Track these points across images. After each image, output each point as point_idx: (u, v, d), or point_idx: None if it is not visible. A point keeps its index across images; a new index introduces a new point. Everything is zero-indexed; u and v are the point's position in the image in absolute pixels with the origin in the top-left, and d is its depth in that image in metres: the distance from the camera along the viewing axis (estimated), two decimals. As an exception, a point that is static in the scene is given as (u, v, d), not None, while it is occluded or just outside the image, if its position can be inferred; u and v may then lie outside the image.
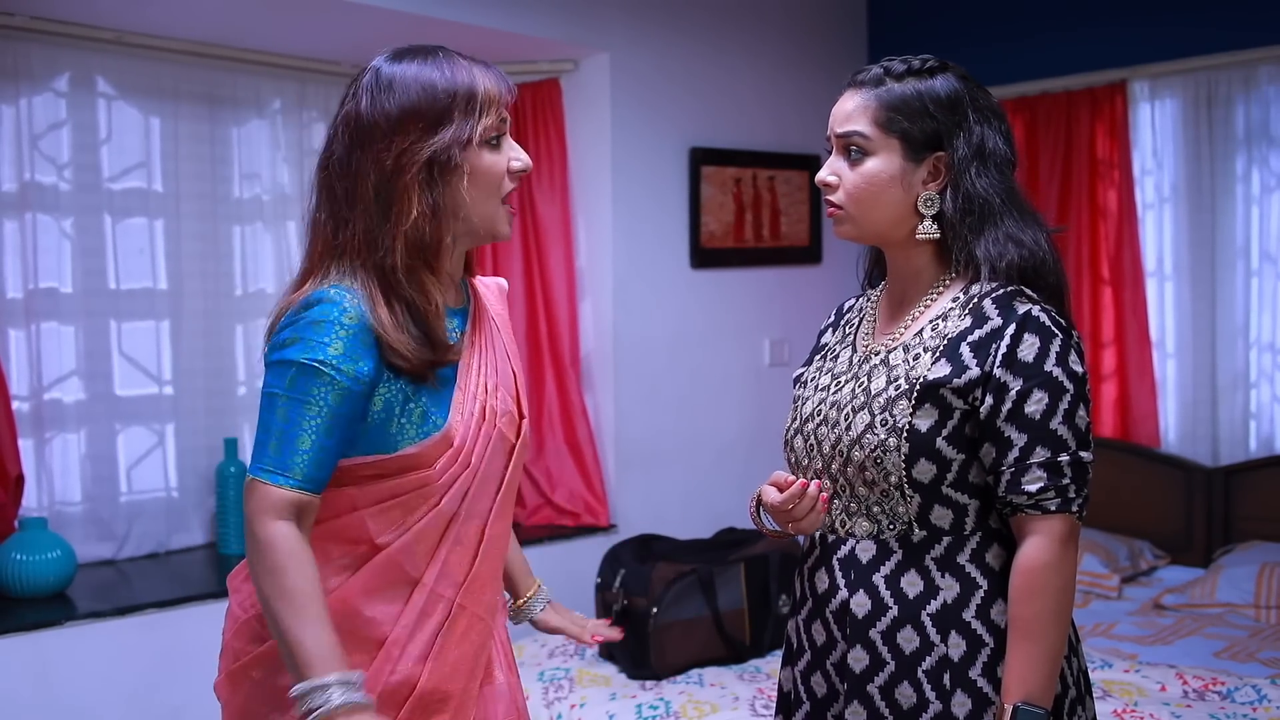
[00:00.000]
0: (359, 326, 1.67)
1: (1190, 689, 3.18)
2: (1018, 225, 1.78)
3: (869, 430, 1.75)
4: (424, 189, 1.71)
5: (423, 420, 1.72)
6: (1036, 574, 1.67)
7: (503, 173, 1.78)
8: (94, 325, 3.84)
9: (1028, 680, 1.66)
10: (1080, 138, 4.69)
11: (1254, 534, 4.31)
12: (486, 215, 1.78)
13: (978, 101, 1.81)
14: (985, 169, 1.78)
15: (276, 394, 1.66)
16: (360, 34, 3.91)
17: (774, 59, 4.92)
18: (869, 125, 1.79)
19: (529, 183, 4.40)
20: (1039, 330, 1.69)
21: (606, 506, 4.44)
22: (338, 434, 1.67)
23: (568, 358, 4.41)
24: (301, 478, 1.65)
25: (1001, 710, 1.66)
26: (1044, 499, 1.66)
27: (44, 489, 3.75)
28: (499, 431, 1.80)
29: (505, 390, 1.85)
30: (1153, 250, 4.64)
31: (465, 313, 1.85)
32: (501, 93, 1.79)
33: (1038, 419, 1.67)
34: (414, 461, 1.72)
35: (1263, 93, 4.38)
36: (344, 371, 1.65)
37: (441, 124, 1.73)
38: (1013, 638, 1.68)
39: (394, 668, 1.72)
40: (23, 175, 3.67)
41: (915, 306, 1.84)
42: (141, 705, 3.30)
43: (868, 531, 1.78)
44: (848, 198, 1.81)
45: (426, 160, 1.71)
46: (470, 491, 1.77)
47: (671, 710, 3.19)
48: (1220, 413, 4.49)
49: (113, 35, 3.76)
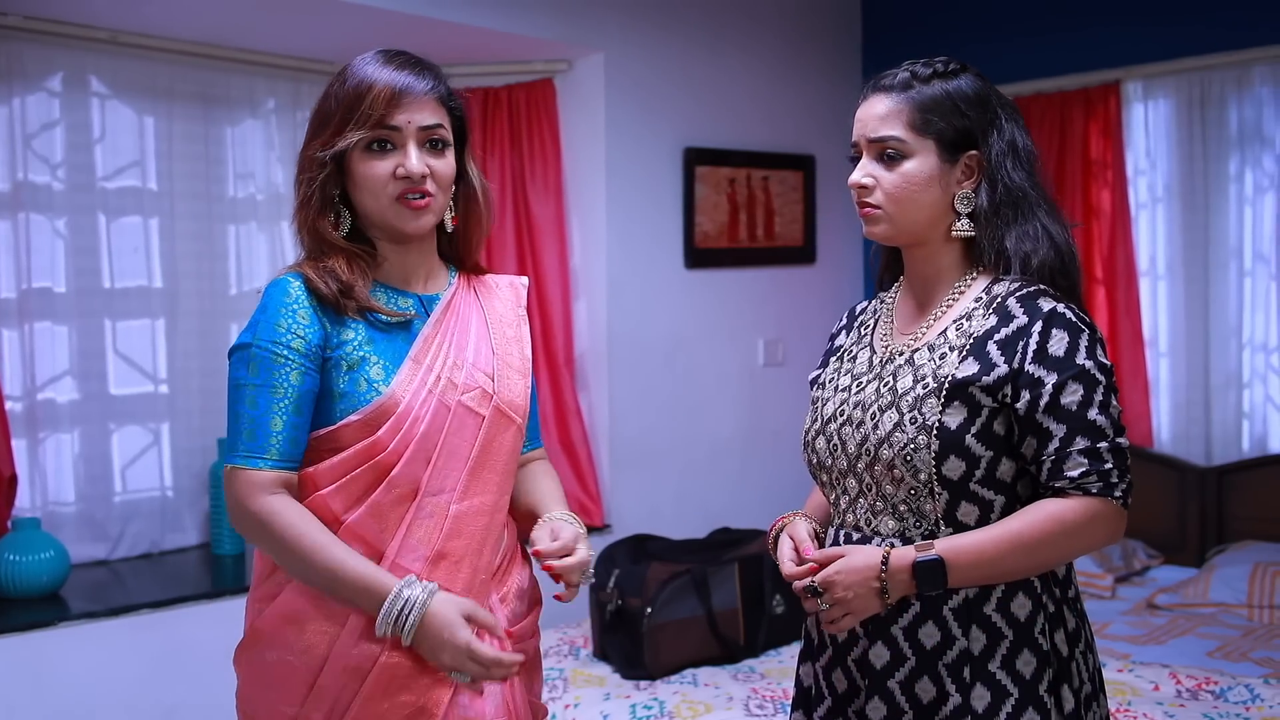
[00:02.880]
0: (298, 302, 1.78)
1: (1183, 688, 3.18)
2: (1050, 218, 1.83)
3: (898, 429, 1.77)
4: (307, 186, 1.84)
5: (367, 388, 1.79)
6: (1051, 522, 1.70)
7: (384, 178, 1.82)
8: (88, 325, 3.84)
9: (965, 554, 1.70)
10: (1074, 138, 4.69)
11: (1247, 534, 4.32)
12: (377, 213, 1.85)
13: (1000, 99, 1.86)
14: (1019, 163, 1.82)
15: (239, 381, 1.78)
16: (354, 34, 3.91)
17: (768, 59, 4.92)
18: (903, 129, 1.81)
19: (523, 182, 4.41)
20: (1066, 326, 1.73)
21: (601, 506, 4.44)
22: (306, 410, 1.78)
23: (562, 357, 4.41)
24: (279, 456, 1.76)
25: (919, 548, 1.72)
26: (1086, 482, 1.69)
27: (37, 489, 3.74)
28: (461, 404, 1.84)
29: (477, 368, 1.88)
30: (1146, 250, 4.65)
31: (436, 298, 1.92)
32: (398, 94, 1.81)
33: (1075, 409, 1.70)
34: (360, 430, 1.78)
35: (1256, 93, 4.39)
36: (296, 349, 1.76)
37: (324, 127, 1.83)
38: (992, 528, 1.72)
39: (356, 640, 1.75)
40: (16, 175, 3.67)
41: (937, 306, 1.86)
42: (135, 706, 3.30)
43: (893, 530, 1.80)
44: (887, 199, 1.83)
45: (307, 160, 1.84)
46: (433, 464, 1.80)
47: (666, 710, 3.19)
48: (1213, 413, 4.50)
49: (106, 35, 3.76)
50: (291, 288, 1.79)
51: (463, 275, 1.98)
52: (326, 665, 1.75)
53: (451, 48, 4.16)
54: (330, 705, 1.75)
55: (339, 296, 1.80)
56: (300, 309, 1.78)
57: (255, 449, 1.74)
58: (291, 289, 1.79)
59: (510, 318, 1.99)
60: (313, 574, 1.74)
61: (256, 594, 1.85)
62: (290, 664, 1.77)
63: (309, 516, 1.75)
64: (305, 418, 1.78)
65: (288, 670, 1.77)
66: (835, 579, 1.73)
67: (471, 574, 1.84)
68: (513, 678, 1.88)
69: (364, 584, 1.72)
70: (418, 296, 1.90)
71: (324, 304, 1.80)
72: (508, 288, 2.03)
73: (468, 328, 1.91)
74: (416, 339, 1.85)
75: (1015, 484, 1.77)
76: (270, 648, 1.79)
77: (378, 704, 1.74)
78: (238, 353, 1.79)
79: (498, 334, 1.95)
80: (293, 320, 1.77)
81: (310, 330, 1.78)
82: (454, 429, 1.82)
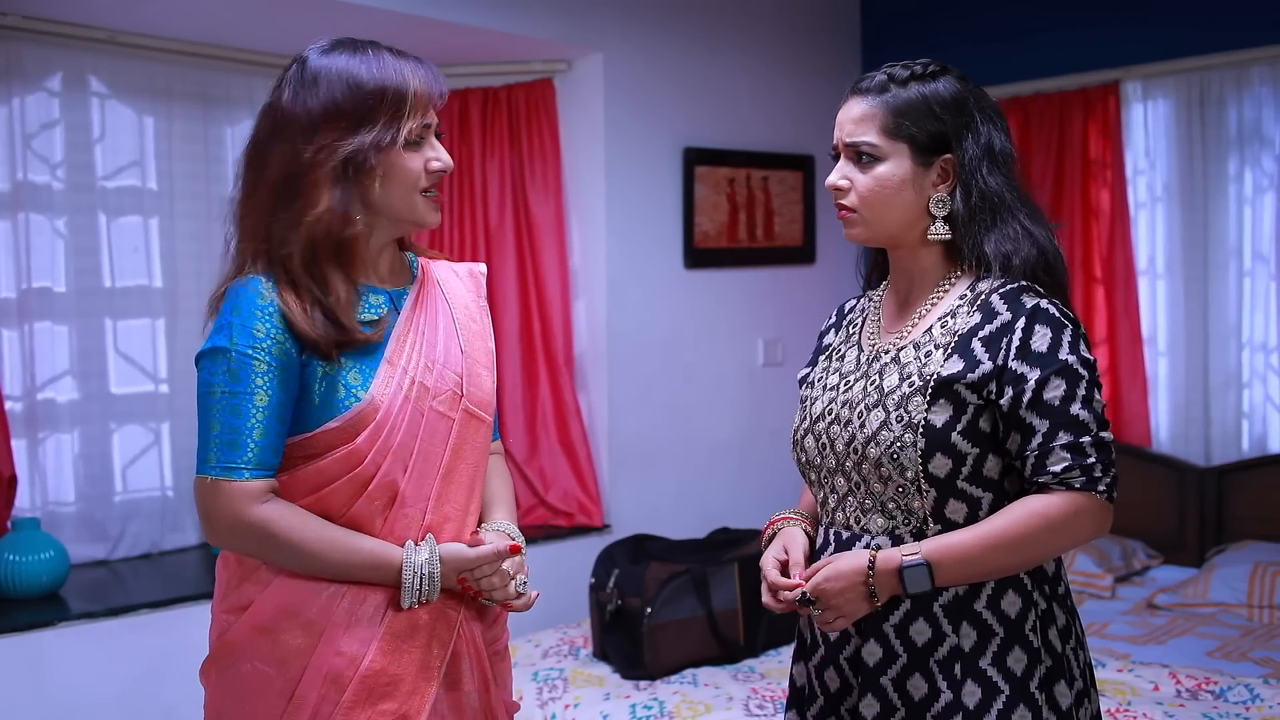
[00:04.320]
0: (273, 307, 1.71)
1: (1183, 688, 3.18)
2: (1031, 220, 1.82)
3: (884, 427, 1.77)
4: (335, 185, 1.74)
5: (345, 394, 1.74)
6: (1035, 518, 1.70)
7: (420, 171, 1.79)
8: (88, 324, 3.83)
9: (951, 554, 1.71)
10: (1073, 138, 4.69)
11: (1247, 534, 4.32)
12: (405, 208, 1.80)
13: (980, 102, 1.85)
14: (995, 167, 1.82)
15: (216, 388, 1.70)
16: (354, 34, 3.88)
17: (768, 59, 4.92)
18: (876, 133, 1.82)
19: (523, 182, 4.41)
20: (1049, 322, 1.73)
21: (600, 506, 4.44)
22: (287, 418, 1.72)
23: (561, 357, 4.41)
24: (262, 466, 1.70)
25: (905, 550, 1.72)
26: (1068, 477, 1.69)
27: (37, 489, 3.74)
28: (433, 409, 1.80)
29: (446, 368, 1.84)
30: (1145, 250, 4.65)
31: (404, 293, 1.87)
32: (431, 94, 1.79)
33: (1058, 404, 1.70)
34: (338, 436, 1.73)
35: (1255, 93, 4.39)
36: (274, 354, 1.70)
37: (363, 125, 1.75)
38: (977, 527, 1.72)
39: (337, 648, 1.73)
40: (16, 175, 3.67)
41: (922, 304, 1.86)
42: (134, 706, 3.30)
43: (882, 528, 1.80)
44: (860, 202, 1.84)
45: (343, 159, 1.74)
46: (409, 471, 1.77)
47: (665, 710, 3.19)
48: (1213, 412, 4.50)
49: (106, 35, 3.76)
50: (264, 289, 1.72)
51: (422, 263, 1.93)
52: (305, 675, 1.72)
53: (451, 48, 4.16)
54: (310, 715, 1.71)
55: (332, 349, 1.73)
56: (276, 313, 1.71)
57: (237, 459, 1.68)
58: (264, 291, 1.72)
59: (474, 309, 1.95)
60: (326, 567, 1.73)
61: (223, 605, 1.80)
62: (266, 674, 1.73)
63: (304, 513, 1.73)
64: (286, 425, 1.72)
65: (263, 681, 1.73)
66: (825, 587, 1.74)
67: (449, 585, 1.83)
68: (489, 680, 1.87)
69: (375, 562, 1.74)
70: (388, 293, 1.85)
71: (304, 342, 1.72)
72: (468, 276, 1.99)
73: (436, 323, 1.86)
74: (390, 339, 1.80)
75: (1003, 481, 1.77)
76: (244, 659, 1.75)
77: (359, 713, 1.72)
78: (212, 357, 1.70)
79: (464, 328, 1.90)
80: (270, 325, 1.70)
81: (289, 336, 1.71)
82: (427, 435, 1.79)
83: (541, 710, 3.32)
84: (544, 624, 4.00)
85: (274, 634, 1.73)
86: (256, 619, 1.74)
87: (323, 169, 1.73)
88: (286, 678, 1.72)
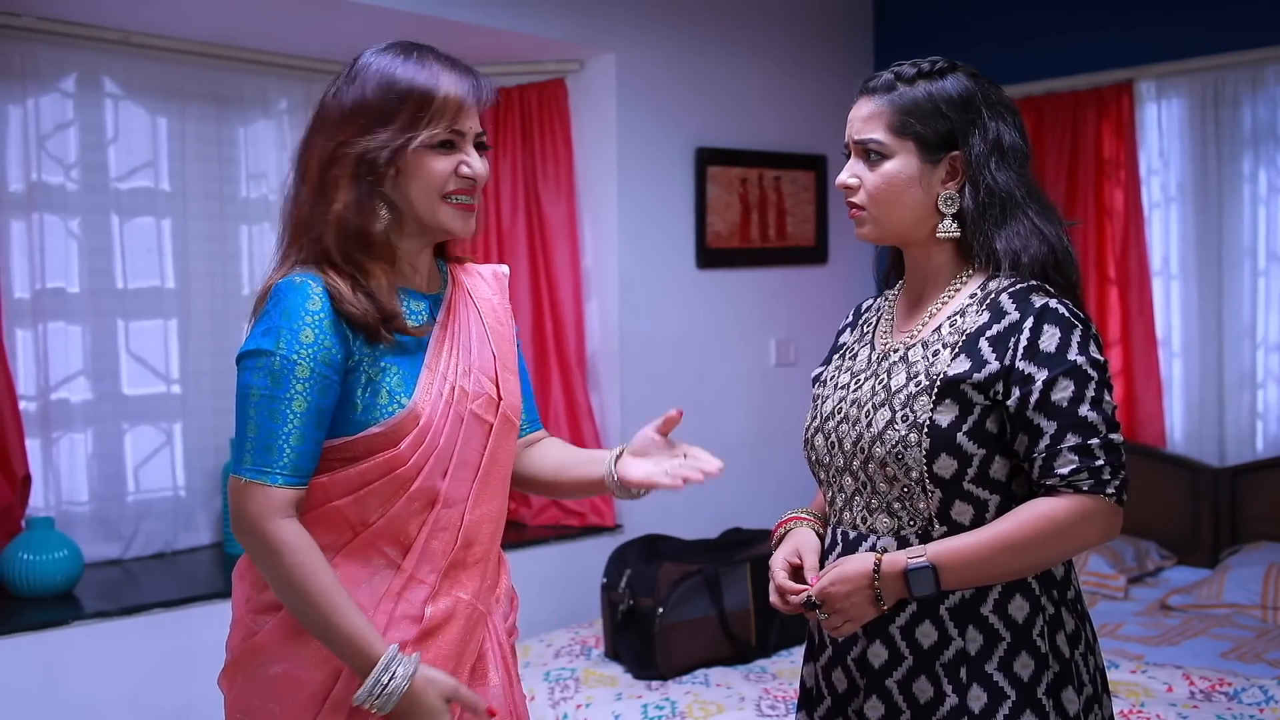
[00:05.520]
0: (323, 311, 1.69)
1: (1197, 690, 3.17)
2: (1041, 217, 1.81)
3: (890, 427, 1.77)
4: (352, 182, 1.74)
5: (388, 400, 1.74)
6: (1042, 521, 1.69)
7: (446, 175, 1.78)
8: (101, 325, 3.85)
9: (956, 557, 1.70)
10: (1086, 138, 4.68)
11: (1261, 535, 4.30)
12: (426, 211, 1.79)
13: (990, 98, 1.84)
14: (1004, 163, 1.81)
15: (257, 389, 1.68)
16: (366, 34, 3.89)
17: (780, 59, 4.91)
18: (883, 131, 1.82)
19: (535, 182, 4.41)
20: (1058, 321, 1.71)
21: (612, 506, 4.44)
22: (325, 425, 1.71)
23: (573, 357, 4.41)
24: (295, 473, 1.69)
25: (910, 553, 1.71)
26: (1076, 479, 1.68)
27: (51, 489, 3.76)
28: (471, 413, 1.81)
29: (482, 373, 1.85)
30: (1159, 250, 4.63)
31: (439, 298, 1.87)
32: (465, 100, 1.78)
33: (1065, 406, 1.68)
34: (380, 442, 1.73)
35: (1270, 93, 4.37)
36: (320, 360, 1.68)
37: (383, 124, 1.74)
38: (984, 530, 1.71)
39: None
40: (30, 175, 3.68)
41: (932, 303, 1.86)
42: (147, 705, 3.31)
43: (888, 528, 1.80)
44: (869, 199, 1.84)
45: (357, 156, 1.74)
46: (448, 474, 1.78)
47: (677, 710, 3.19)
48: (1227, 413, 4.49)
49: (119, 36, 3.77)
50: (314, 293, 1.69)
51: (451, 268, 1.94)
52: (344, 674, 1.71)
53: (463, 48, 4.10)
54: (348, 715, 1.71)
55: (379, 326, 1.72)
56: (326, 318, 1.69)
57: (271, 464, 1.66)
58: (314, 295, 1.69)
59: (500, 312, 1.96)
60: (308, 615, 1.68)
61: (251, 606, 1.79)
62: (298, 678, 1.73)
63: (318, 554, 1.69)
64: (324, 432, 1.71)
65: (296, 684, 1.73)
66: (831, 591, 1.74)
67: (481, 579, 1.85)
68: (512, 673, 1.89)
69: (354, 645, 1.67)
70: (427, 300, 1.85)
71: (352, 325, 1.72)
72: (492, 278, 1.99)
73: (469, 327, 1.88)
74: (429, 344, 1.81)
75: (1010, 483, 1.76)
76: (274, 661, 1.74)
77: None
78: (255, 359, 1.68)
79: (494, 331, 1.92)
80: (319, 331, 1.68)
81: (336, 342, 1.70)
82: (466, 439, 1.80)
83: (553, 710, 3.33)
84: (556, 624, 4.00)
85: (309, 636, 1.72)
86: (291, 620, 1.73)
87: (339, 166, 1.74)
88: (322, 679, 1.72)
